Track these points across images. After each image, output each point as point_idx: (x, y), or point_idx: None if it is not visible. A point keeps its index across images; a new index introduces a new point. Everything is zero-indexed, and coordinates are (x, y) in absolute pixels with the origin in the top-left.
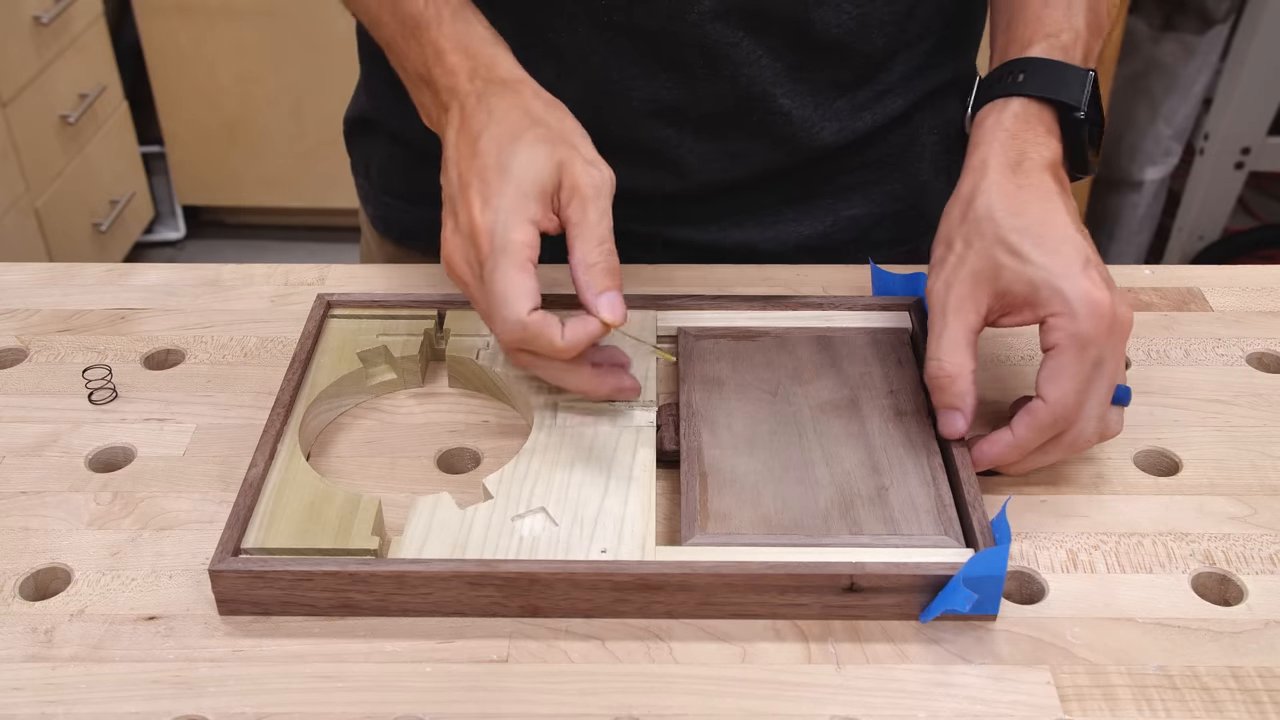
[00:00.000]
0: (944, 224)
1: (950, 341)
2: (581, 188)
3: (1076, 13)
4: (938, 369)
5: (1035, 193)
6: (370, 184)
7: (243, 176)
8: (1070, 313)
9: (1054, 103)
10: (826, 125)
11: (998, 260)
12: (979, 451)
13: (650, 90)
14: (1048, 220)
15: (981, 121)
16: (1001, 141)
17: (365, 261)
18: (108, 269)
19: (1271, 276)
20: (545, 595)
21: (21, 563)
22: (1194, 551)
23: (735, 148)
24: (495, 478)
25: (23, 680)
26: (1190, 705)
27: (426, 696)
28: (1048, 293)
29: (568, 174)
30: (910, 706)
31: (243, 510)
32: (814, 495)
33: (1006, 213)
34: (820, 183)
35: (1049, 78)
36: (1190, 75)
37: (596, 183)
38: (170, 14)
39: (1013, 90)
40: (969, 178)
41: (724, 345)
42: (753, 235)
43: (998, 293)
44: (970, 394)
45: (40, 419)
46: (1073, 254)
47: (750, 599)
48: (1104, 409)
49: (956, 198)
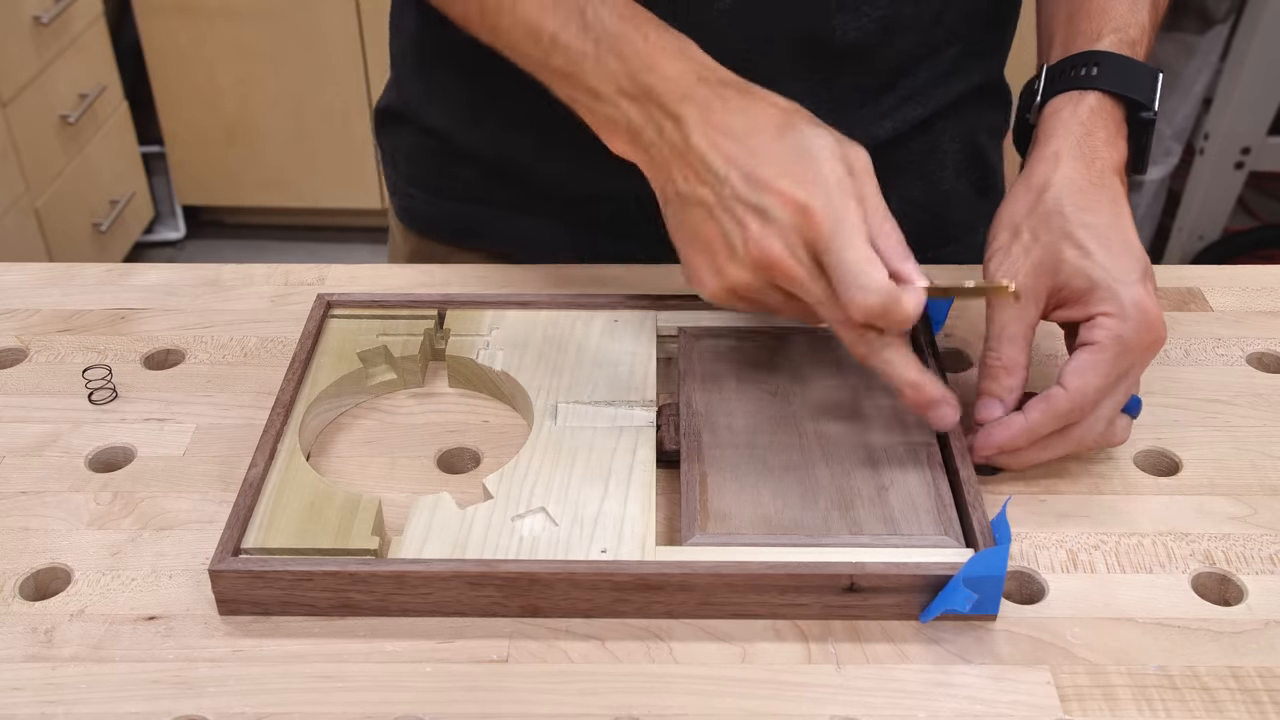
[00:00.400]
0: (1008, 208)
1: (1010, 337)
2: (859, 167)
3: (1141, 7)
4: (995, 360)
5: (1106, 194)
6: (397, 174)
7: (243, 176)
8: (1122, 315)
9: (1126, 100)
10: (849, 134)
11: (1062, 254)
12: (988, 435)
13: None
14: (1116, 224)
15: (1056, 112)
16: (1077, 135)
17: (393, 254)
18: (108, 269)
19: (1271, 276)
20: (545, 595)
21: (21, 563)
22: (1194, 551)
23: None
24: (495, 478)
25: (23, 680)
26: (1190, 705)
27: (426, 696)
28: (1104, 293)
29: (844, 153)
30: (910, 706)
31: (243, 510)
32: (814, 495)
33: (1076, 209)
34: None
35: (1123, 73)
36: (1190, 75)
37: (865, 160)
38: (170, 14)
39: (1087, 84)
40: (1041, 167)
41: (724, 345)
42: None
43: (1056, 286)
44: (1018, 390)
45: (40, 419)
46: (1134, 262)
47: (750, 599)
48: (1115, 414)
49: (1027, 186)
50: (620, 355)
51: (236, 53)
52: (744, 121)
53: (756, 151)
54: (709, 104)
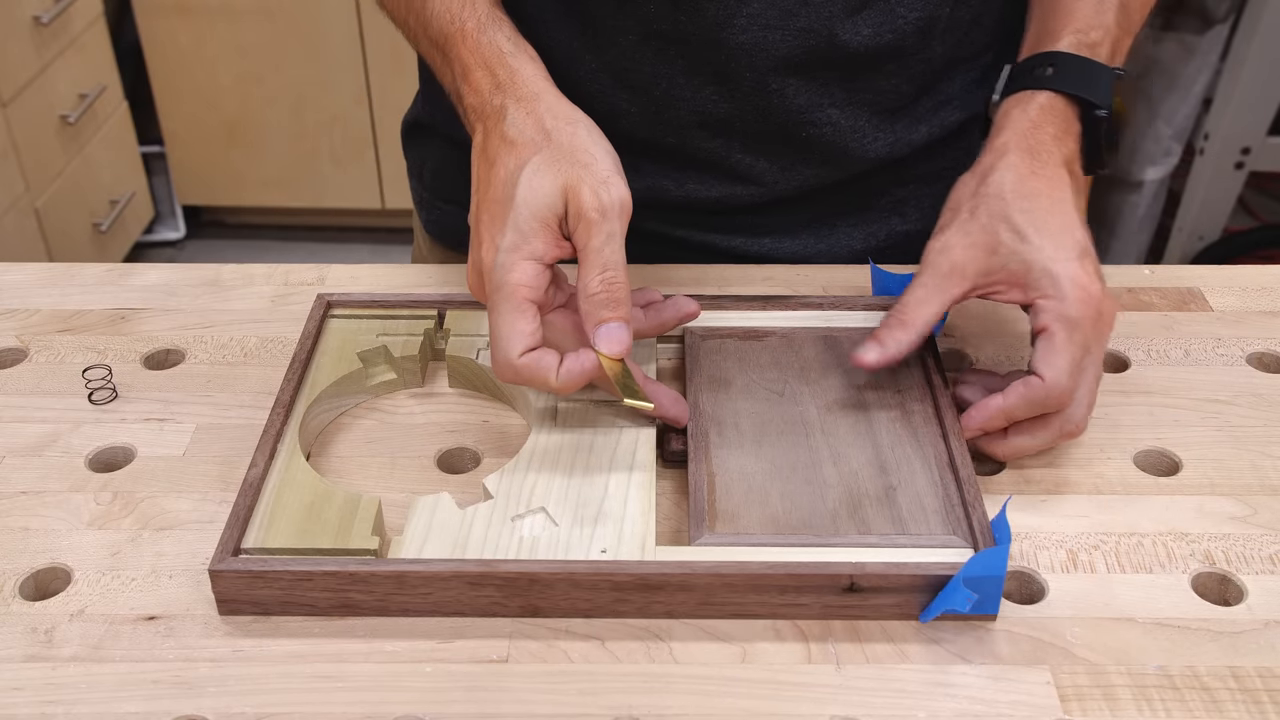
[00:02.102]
0: (955, 193)
1: (924, 304)
2: (587, 212)
3: (1107, 9)
4: (899, 313)
5: (1048, 183)
6: (424, 187)
7: (243, 176)
8: (1060, 296)
9: (1079, 99)
10: (880, 137)
11: (998, 236)
12: (966, 418)
13: (698, 102)
14: (1054, 209)
15: (1008, 110)
16: (1024, 130)
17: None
18: (108, 269)
19: (1271, 276)
20: (545, 595)
21: (21, 563)
22: (1194, 551)
23: (785, 160)
24: (495, 478)
25: (23, 680)
26: (1190, 705)
27: (426, 696)
28: (1039, 274)
29: (574, 199)
30: (910, 706)
31: (242, 510)
32: (822, 495)
33: (1016, 194)
34: (874, 195)
35: (1077, 74)
36: (1190, 75)
37: (604, 205)
38: (170, 14)
39: (1041, 83)
40: (987, 157)
41: (730, 345)
42: (806, 247)
43: (990, 268)
44: (905, 347)
45: (40, 419)
46: (1071, 243)
47: (750, 599)
48: (1093, 396)
49: (973, 173)
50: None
51: (236, 52)
52: (500, 149)
53: (490, 186)
54: (488, 122)
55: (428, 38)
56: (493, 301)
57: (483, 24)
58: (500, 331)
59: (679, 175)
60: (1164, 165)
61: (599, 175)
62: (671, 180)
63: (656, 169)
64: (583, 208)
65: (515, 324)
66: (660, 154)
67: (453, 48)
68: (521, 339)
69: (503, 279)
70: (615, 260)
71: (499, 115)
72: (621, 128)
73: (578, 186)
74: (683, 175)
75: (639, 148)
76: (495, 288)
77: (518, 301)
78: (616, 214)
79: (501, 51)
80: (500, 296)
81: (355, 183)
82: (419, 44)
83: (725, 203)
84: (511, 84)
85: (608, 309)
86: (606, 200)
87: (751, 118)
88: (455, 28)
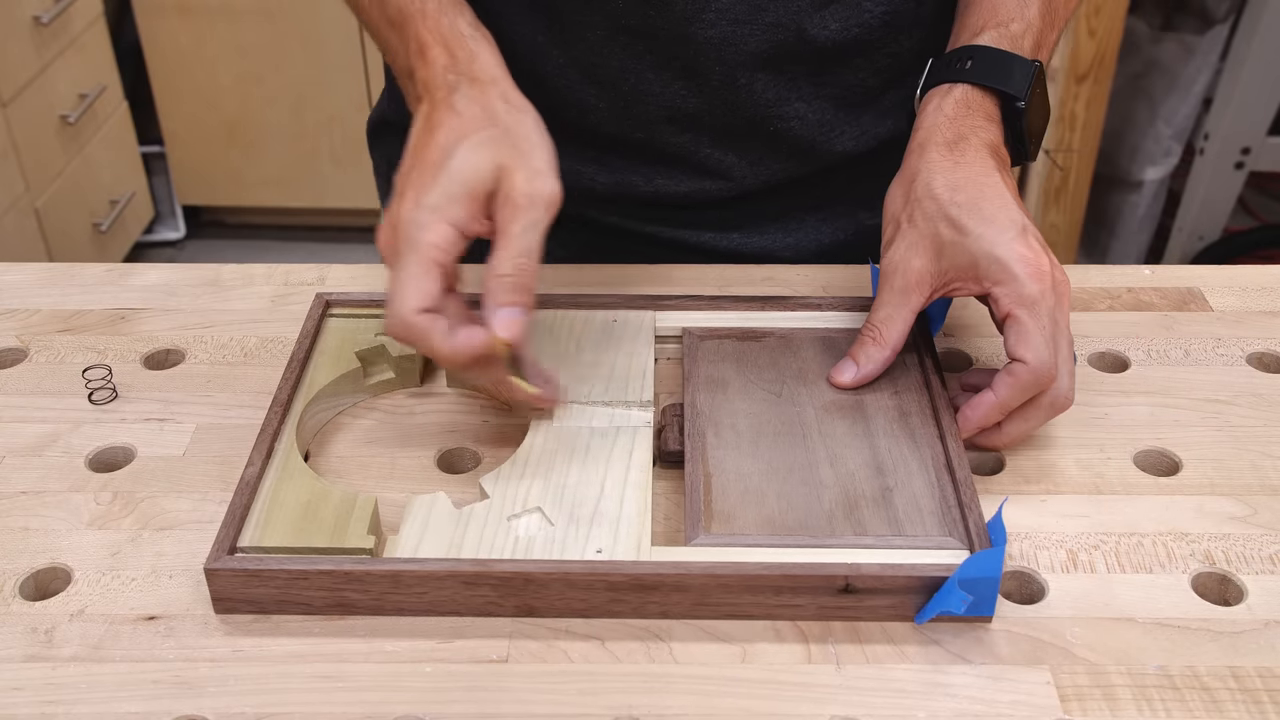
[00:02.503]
0: (888, 205)
1: (887, 318)
2: (515, 196)
3: (1031, 3)
4: (870, 333)
5: (972, 169)
6: (389, 186)
7: (243, 176)
8: (1010, 278)
9: (997, 91)
10: (846, 131)
11: (941, 236)
12: (963, 419)
13: (667, 97)
14: (985, 195)
15: (925, 106)
16: (940, 125)
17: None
18: (108, 269)
19: (1271, 276)
20: (540, 595)
21: (21, 563)
22: (1194, 551)
23: (754, 154)
24: (491, 477)
25: (23, 680)
26: (1190, 705)
27: (426, 696)
28: (987, 262)
29: (506, 180)
30: (910, 707)
31: (239, 509)
32: (818, 496)
33: (945, 188)
34: (841, 189)
35: (994, 67)
36: (1190, 75)
37: (533, 193)
38: (170, 14)
39: (958, 77)
40: (910, 160)
41: (728, 346)
42: (774, 242)
43: (941, 269)
44: (880, 363)
45: (40, 419)
46: (1008, 223)
47: (745, 600)
48: (1071, 365)
49: (899, 180)
50: (618, 356)
51: (236, 53)
52: (445, 120)
53: (426, 149)
54: (436, 95)
55: (384, 17)
56: (401, 256)
57: (444, 7)
58: (402, 285)
59: (647, 170)
60: (1164, 165)
61: (535, 165)
62: (640, 175)
63: (625, 164)
64: (513, 191)
65: (419, 280)
66: (629, 149)
67: (411, 25)
68: (421, 296)
69: (417, 235)
70: (532, 249)
71: (450, 89)
72: (590, 123)
73: (512, 170)
74: (651, 170)
75: (607, 143)
76: (407, 242)
77: (427, 261)
78: (544, 206)
79: (461, 34)
80: (410, 250)
81: (355, 183)
82: (372, 23)
83: (694, 198)
84: (469, 65)
85: (513, 293)
86: (537, 189)
87: (720, 112)
88: (416, 7)
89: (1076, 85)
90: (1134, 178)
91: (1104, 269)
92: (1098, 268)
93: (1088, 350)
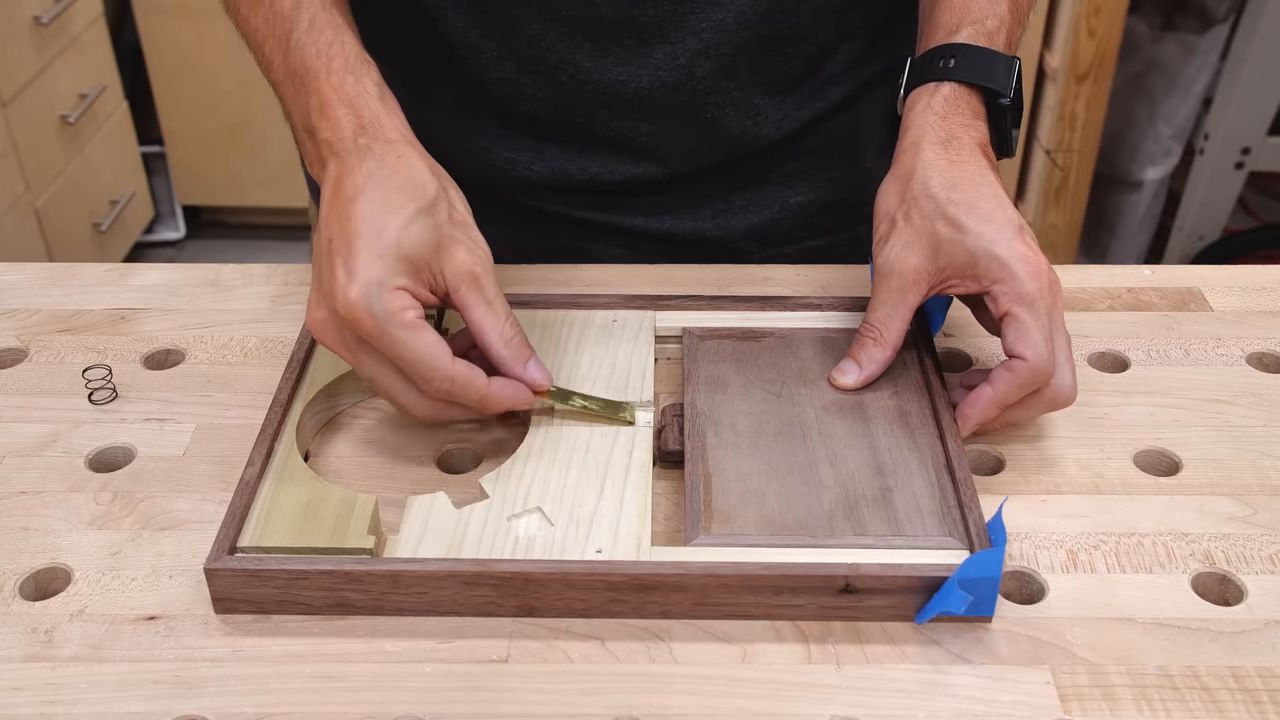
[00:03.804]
0: (882, 202)
1: (885, 317)
2: (470, 269)
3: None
4: (869, 332)
5: (967, 169)
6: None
7: (243, 176)
8: (1010, 276)
9: (981, 88)
10: (772, 115)
11: (939, 234)
12: (962, 417)
13: (606, 84)
14: (981, 193)
15: (913, 105)
16: (933, 124)
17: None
18: (108, 269)
19: (1271, 276)
20: (540, 595)
21: (21, 563)
22: (1194, 551)
23: (690, 139)
24: (491, 477)
25: (23, 680)
26: (1190, 705)
27: (426, 696)
28: (986, 260)
29: (449, 256)
30: (910, 706)
31: (238, 509)
32: (818, 496)
33: (943, 187)
34: (766, 171)
35: (978, 64)
36: (1190, 75)
37: (484, 260)
38: (170, 14)
39: (943, 75)
40: (904, 158)
41: (728, 346)
42: (703, 224)
43: (939, 266)
44: (881, 363)
45: (40, 419)
46: (1005, 222)
47: (745, 599)
48: (1072, 361)
49: (894, 177)
50: (618, 356)
51: (237, 53)
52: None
53: (349, 220)
54: (347, 159)
55: (286, 66)
56: (388, 336)
57: (351, 64)
58: (418, 354)
59: (582, 158)
60: (1164, 165)
61: (471, 234)
62: (574, 164)
63: (560, 152)
64: (462, 266)
65: (424, 340)
66: (565, 136)
67: (313, 81)
68: (440, 346)
69: (384, 310)
70: (508, 308)
71: (362, 153)
72: (526, 111)
73: (451, 244)
74: (586, 157)
75: (544, 131)
76: (381, 320)
77: (411, 322)
78: (491, 266)
79: (367, 95)
80: (393, 325)
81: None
82: (272, 71)
83: (629, 183)
84: (377, 128)
85: (524, 349)
86: (482, 255)
87: (659, 97)
88: (320, 63)
89: (1076, 85)
90: (1134, 178)
91: (1104, 269)
92: (1098, 268)
93: (1088, 350)
